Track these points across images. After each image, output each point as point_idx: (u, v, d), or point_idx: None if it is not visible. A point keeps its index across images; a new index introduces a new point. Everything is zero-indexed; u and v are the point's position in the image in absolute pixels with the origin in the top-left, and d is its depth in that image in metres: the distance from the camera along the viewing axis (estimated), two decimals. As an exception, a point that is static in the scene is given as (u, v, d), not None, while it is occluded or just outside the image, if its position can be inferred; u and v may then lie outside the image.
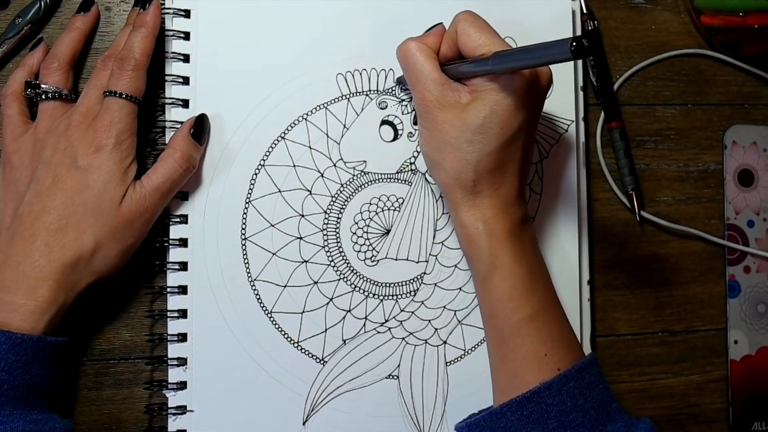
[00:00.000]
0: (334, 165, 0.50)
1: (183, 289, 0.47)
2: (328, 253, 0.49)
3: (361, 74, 0.50)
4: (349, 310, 0.50)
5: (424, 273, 0.51)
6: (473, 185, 0.42)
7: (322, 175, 0.50)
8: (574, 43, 0.33)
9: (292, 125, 0.49)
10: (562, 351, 0.43)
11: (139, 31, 0.45)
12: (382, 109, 0.51)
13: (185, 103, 0.48)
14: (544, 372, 0.41)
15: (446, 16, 0.51)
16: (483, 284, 0.44)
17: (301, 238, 0.49)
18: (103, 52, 0.46)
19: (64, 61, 0.46)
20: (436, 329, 0.51)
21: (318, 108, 0.50)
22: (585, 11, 0.55)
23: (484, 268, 0.43)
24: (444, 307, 0.51)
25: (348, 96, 0.50)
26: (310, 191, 0.49)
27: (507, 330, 0.43)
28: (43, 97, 0.45)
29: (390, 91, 0.51)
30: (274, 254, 0.49)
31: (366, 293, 0.50)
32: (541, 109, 0.45)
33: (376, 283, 0.50)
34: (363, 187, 0.50)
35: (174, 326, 0.47)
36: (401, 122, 0.51)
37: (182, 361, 0.47)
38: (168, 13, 0.48)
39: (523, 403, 0.41)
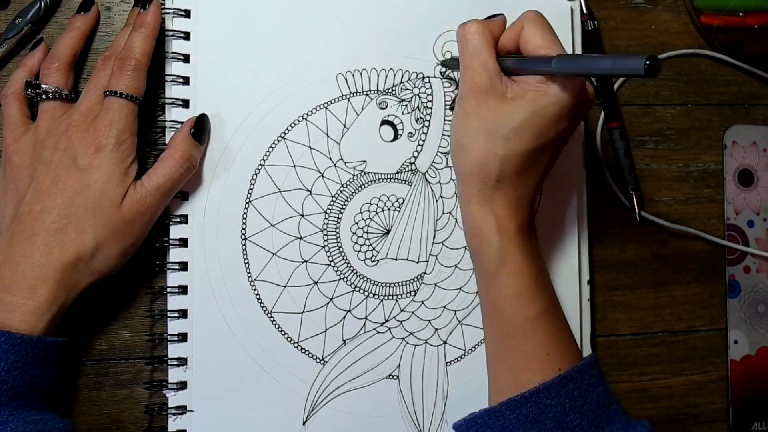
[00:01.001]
0: (334, 165, 0.50)
1: (183, 289, 0.47)
2: (328, 253, 0.49)
3: (361, 74, 0.50)
4: (349, 310, 0.50)
5: (424, 273, 0.51)
6: (495, 181, 0.42)
7: (322, 175, 0.50)
8: (648, 62, 0.33)
9: (292, 125, 0.49)
10: (563, 351, 0.43)
11: (139, 31, 0.45)
12: (382, 109, 0.51)
13: (185, 103, 0.48)
14: (545, 371, 0.41)
15: (446, 16, 0.51)
16: (490, 279, 0.44)
17: (301, 238, 0.49)
18: (104, 52, 0.46)
19: (65, 62, 0.46)
20: (436, 329, 0.51)
21: (318, 108, 0.50)
22: (585, 11, 0.55)
23: (492, 263, 0.43)
24: (444, 307, 0.51)
25: (348, 96, 0.50)
26: (310, 191, 0.49)
27: (512, 327, 0.43)
28: (44, 97, 0.45)
29: (390, 91, 0.51)
30: (274, 254, 0.49)
31: (366, 293, 0.50)
32: (578, 124, 0.45)
33: (376, 283, 0.50)
34: (363, 187, 0.50)
35: (174, 326, 0.47)
36: (401, 122, 0.51)
37: (182, 361, 0.47)
38: (168, 13, 0.48)
39: (522, 403, 0.41)
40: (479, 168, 0.42)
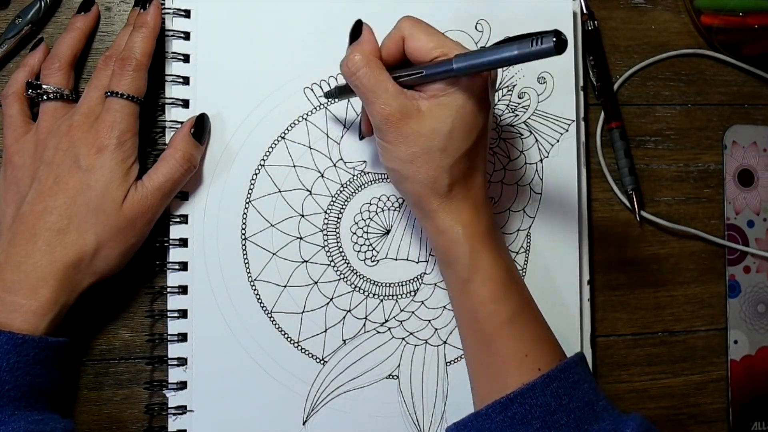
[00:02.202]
0: (334, 165, 0.50)
1: (183, 289, 0.47)
2: (328, 253, 0.49)
3: (361, 74, 0.50)
4: (349, 310, 0.50)
5: (424, 273, 0.51)
6: (449, 190, 0.42)
7: (322, 175, 0.50)
8: (555, 38, 0.32)
9: (292, 125, 0.49)
10: (542, 351, 0.42)
11: (139, 32, 0.45)
12: (382, 109, 0.50)
13: (185, 103, 0.48)
14: (524, 373, 0.41)
15: (446, 16, 0.51)
16: (463, 287, 0.43)
17: (301, 238, 0.49)
18: (104, 52, 0.46)
19: (65, 62, 0.46)
20: (436, 329, 0.51)
21: (318, 108, 0.50)
22: (585, 11, 0.56)
23: (464, 271, 0.43)
24: (444, 307, 0.51)
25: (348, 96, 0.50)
26: (310, 191, 0.49)
27: (488, 333, 0.43)
28: (45, 97, 0.45)
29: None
30: (274, 254, 0.49)
31: (366, 293, 0.50)
32: (494, 106, 0.44)
33: (376, 283, 0.50)
34: (363, 187, 0.50)
35: (174, 326, 0.47)
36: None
37: (182, 361, 0.47)
38: (168, 13, 0.48)
39: (507, 405, 0.41)
40: (430, 186, 0.42)
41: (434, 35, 0.41)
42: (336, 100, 0.49)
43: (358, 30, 0.43)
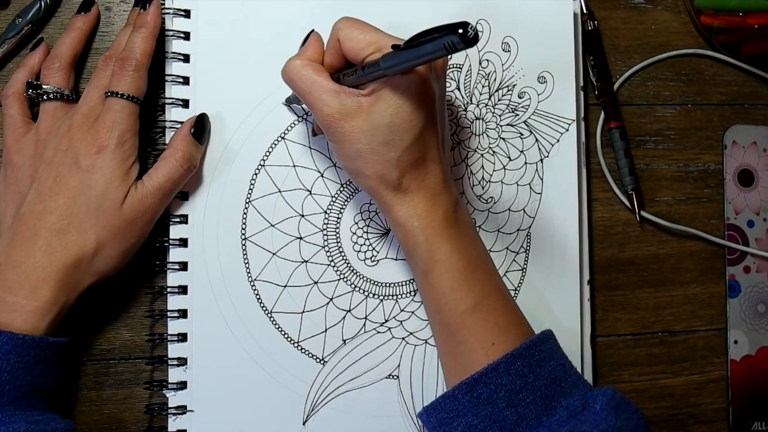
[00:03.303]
0: (334, 165, 0.50)
1: (183, 289, 0.47)
2: (328, 253, 0.49)
3: (361, 74, 0.50)
4: (349, 310, 0.50)
5: (424, 273, 0.51)
6: (399, 183, 0.42)
7: (322, 175, 0.50)
8: (461, 30, 0.32)
9: (292, 125, 0.49)
10: (510, 338, 0.42)
11: (139, 32, 0.45)
12: (382, 109, 0.50)
13: (185, 103, 0.48)
14: (491, 360, 0.41)
15: (446, 15, 0.51)
16: (424, 279, 0.44)
17: (301, 238, 0.49)
18: (104, 52, 0.46)
19: (66, 62, 0.46)
20: (436, 329, 0.51)
21: (318, 108, 0.50)
22: (585, 11, 0.56)
23: (423, 262, 0.43)
24: (444, 307, 0.51)
25: (348, 96, 0.50)
26: (310, 191, 0.49)
27: (453, 323, 0.43)
28: (45, 97, 0.45)
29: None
30: (274, 254, 0.49)
31: (366, 293, 0.50)
32: (445, 88, 0.44)
33: (376, 283, 0.50)
34: (363, 187, 0.50)
35: (174, 326, 0.47)
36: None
37: (182, 361, 0.47)
38: (168, 13, 0.48)
39: (473, 385, 0.41)
40: (380, 179, 0.42)
41: (368, 33, 0.41)
42: (294, 105, 0.49)
43: (306, 39, 0.44)
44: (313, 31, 0.44)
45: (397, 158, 0.41)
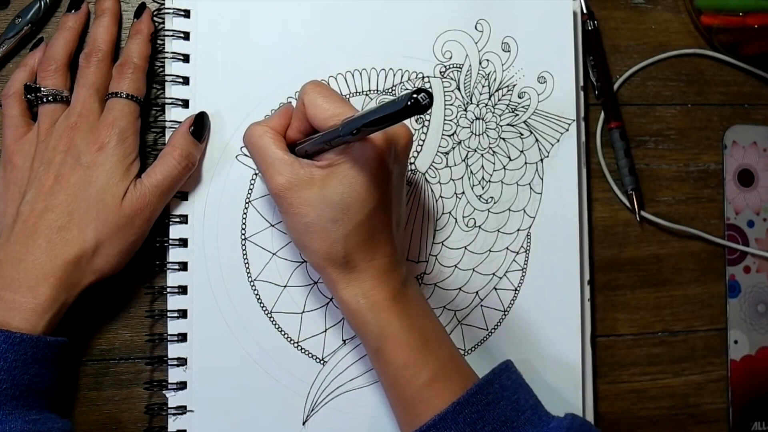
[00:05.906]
0: (334, 165, 0.50)
1: (183, 289, 0.47)
2: (328, 253, 0.49)
3: (360, 74, 0.50)
4: (349, 310, 0.50)
5: (424, 273, 0.51)
6: (345, 262, 0.41)
7: (322, 175, 0.50)
8: (411, 100, 0.31)
9: (292, 125, 0.49)
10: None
11: (135, 38, 0.46)
12: (382, 109, 0.50)
13: (185, 103, 0.48)
14: None
15: (446, 15, 0.51)
16: (377, 356, 0.42)
17: (301, 238, 0.49)
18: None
19: (61, 63, 0.46)
20: (436, 329, 0.50)
21: (318, 108, 0.50)
22: (585, 11, 0.56)
23: (374, 340, 0.42)
24: (444, 307, 0.51)
25: (348, 96, 0.50)
26: (310, 191, 0.49)
27: (410, 397, 0.41)
28: (44, 100, 0.45)
29: (390, 91, 0.51)
30: (274, 254, 0.49)
31: (366, 293, 0.50)
32: (405, 169, 0.43)
33: (376, 283, 0.50)
34: (363, 187, 0.50)
35: (174, 326, 0.47)
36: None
37: (182, 361, 0.47)
38: (168, 13, 0.48)
39: None
40: (326, 257, 0.41)
41: (333, 103, 0.40)
42: None
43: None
44: (288, 103, 0.43)
45: (345, 237, 0.40)
